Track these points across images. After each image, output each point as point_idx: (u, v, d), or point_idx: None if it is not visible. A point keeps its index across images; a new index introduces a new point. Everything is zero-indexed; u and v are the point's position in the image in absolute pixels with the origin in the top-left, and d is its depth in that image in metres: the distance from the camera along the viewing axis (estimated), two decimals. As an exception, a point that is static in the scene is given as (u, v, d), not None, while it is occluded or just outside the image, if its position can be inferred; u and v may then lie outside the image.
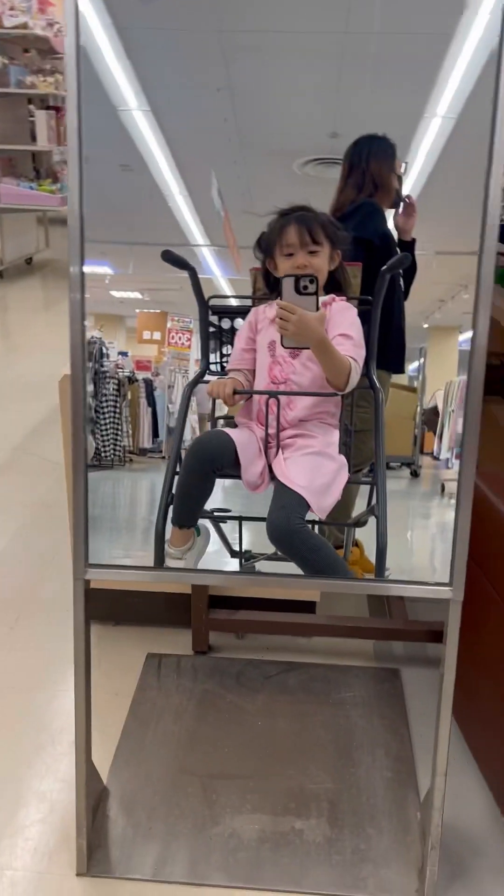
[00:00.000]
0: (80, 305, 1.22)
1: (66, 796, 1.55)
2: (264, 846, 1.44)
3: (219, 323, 1.56)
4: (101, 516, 1.77)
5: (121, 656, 1.97)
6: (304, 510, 1.28)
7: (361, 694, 1.84)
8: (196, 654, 1.97)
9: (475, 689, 1.57)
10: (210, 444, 1.33)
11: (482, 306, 1.15)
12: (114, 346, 1.79)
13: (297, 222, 1.32)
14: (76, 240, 1.19)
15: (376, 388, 1.46)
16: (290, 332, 1.24)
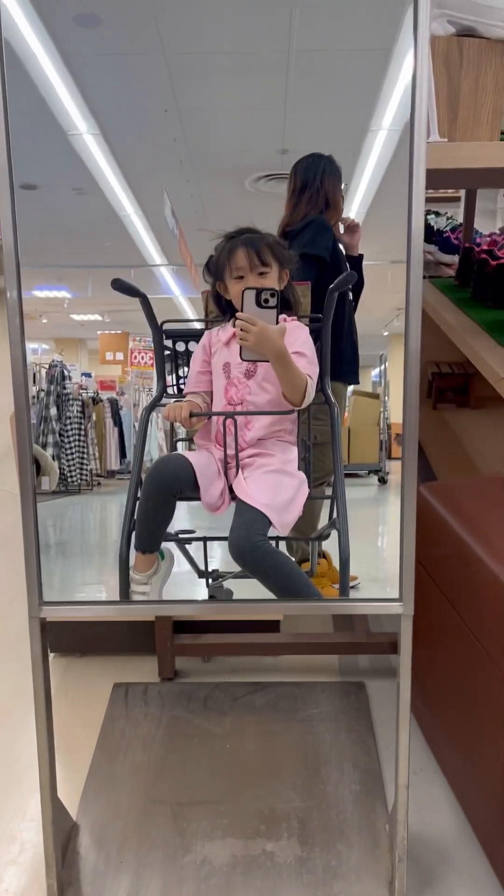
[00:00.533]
0: (19, 332, 1.20)
1: (35, 835, 1.54)
2: (236, 871, 1.44)
3: (173, 346, 1.58)
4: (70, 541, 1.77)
5: (87, 687, 1.96)
6: (265, 527, 1.30)
7: (328, 709, 1.86)
8: (163, 681, 1.98)
9: (437, 698, 1.59)
10: (167, 469, 1.34)
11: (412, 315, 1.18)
12: (75, 368, 1.79)
13: (244, 245, 1.34)
14: (12, 264, 1.19)
15: (331, 402, 1.49)
16: (251, 344, 1.25)
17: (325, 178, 1.49)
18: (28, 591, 1.29)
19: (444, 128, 1.46)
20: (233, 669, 2.03)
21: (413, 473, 1.24)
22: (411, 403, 1.21)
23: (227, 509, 1.38)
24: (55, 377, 1.80)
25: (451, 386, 3.25)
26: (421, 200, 1.21)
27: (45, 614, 1.29)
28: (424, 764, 1.68)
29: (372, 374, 1.83)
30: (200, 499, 1.36)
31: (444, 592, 1.51)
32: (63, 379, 1.78)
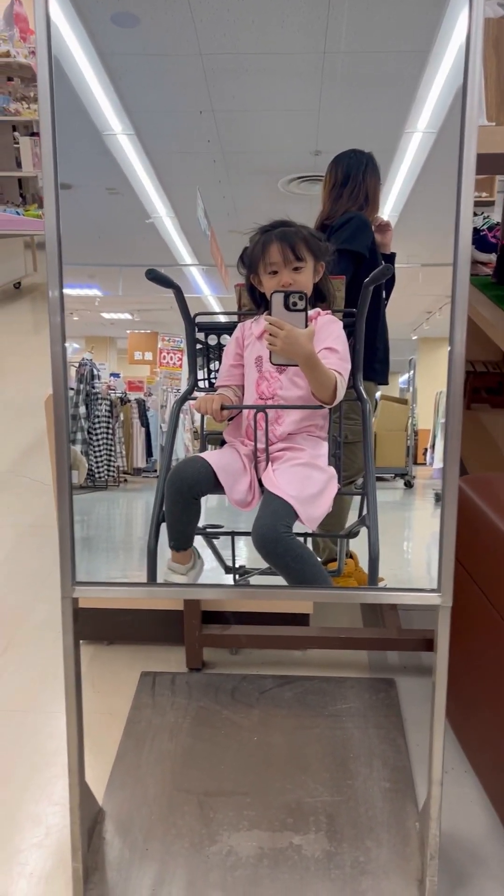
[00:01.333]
0: (60, 329, 1.21)
1: (61, 819, 1.53)
2: (262, 863, 1.42)
3: (205, 340, 1.57)
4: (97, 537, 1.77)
5: (114, 675, 1.95)
6: (291, 519, 1.28)
7: (357, 705, 1.83)
8: (190, 671, 1.96)
9: (470, 697, 1.56)
10: (185, 473, 1.33)
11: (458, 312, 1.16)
12: (105, 367, 1.79)
13: (278, 240, 1.32)
14: (54, 264, 1.19)
15: (363, 399, 1.47)
16: (279, 349, 1.24)
17: (368, 174, 1.47)
18: (61, 571, 1.28)
19: (492, 112, 1.43)
20: (261, 662, 2.00)
21: (455, 461, 1.22)
22: (456, 388, 1.18)
23: (255, 505, 1.37)
24: (85, 376, 1.80)
25: (486, 385, 3.20)
26: (471, 184, 1.18)
27: (77, 594, 1.28)
28: (455, 763, 1.65)
29: (400, 381, 1.81)
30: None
31: (481, 587, 1.48)
32: (93, 378, 1.79)
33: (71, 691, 1.33)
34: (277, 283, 1.33)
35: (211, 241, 1.55)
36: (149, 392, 1.86)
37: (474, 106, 1.11)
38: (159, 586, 1.37)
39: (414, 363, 1.81)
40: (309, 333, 1.25)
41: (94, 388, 1.80)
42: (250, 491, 1.37)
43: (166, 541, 1.41)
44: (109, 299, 1.70)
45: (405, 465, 1.91)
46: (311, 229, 1.37)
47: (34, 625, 2.17)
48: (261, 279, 1.37)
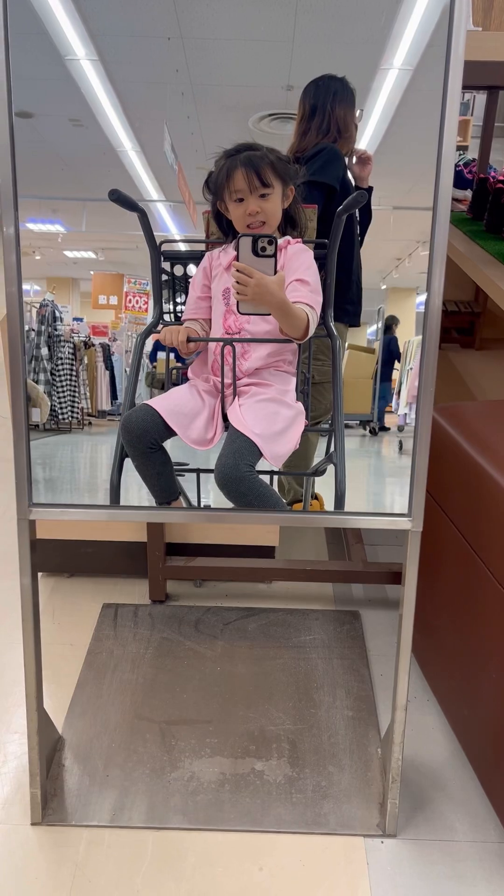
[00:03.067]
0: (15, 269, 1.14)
1: (19, 748, 1.50)
2: (224, 788, 1.41)
3: (171, 270, 1.49)
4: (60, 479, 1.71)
5: (75, 607, 1.92)
6: (254, 457, 1.24)
7: (321, 637, 1.82)
8: (153, 604, 1.93)
9: (434, 626, 1.55)
10: (131, 425, 1.27)
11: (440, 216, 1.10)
12: (67, 310, 1.72)
13: (243, 165, 1.24)
14: (9, 195, 1.10)
15: (333, 335, 1.41)
16: (248, 297, 1.17)
17: (337, 105, 1.39)
18: (17, 492, 1.22)
19: (478, 17, 1.35)
20: (225, 595, 1.98)
21: (431, 384, 1.17)
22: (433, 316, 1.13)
23: (218, 442, 1.31)
24: (46, 317, 1.73)
25: (457, 325, 3.16)
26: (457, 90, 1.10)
27: (34, 516, 1.23)
28: (418, 692, 1.65)
29: (368, 332, 1.77)
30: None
31: (448, 514, 1.46)
32: (55, 320, 1.72)
33: (28, 615, 1.28)
34: (244, 212, 1.26)
35: (178, 177, 1.47)
36: (113, 337, 1.80)
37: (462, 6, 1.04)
38: (121, 508, 1.31)
39: (382, 313, 1.77)
40: (279, 280, 1.18)
41: (57, 330, 1.74)
42: (211, 427, 1.31)
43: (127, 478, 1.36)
44: (73, 236, 1.62)
45: (370, 412, 1.88)
46: (278, 152, 1.29)
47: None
48: (227, 206, 1.29)
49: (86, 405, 1.80)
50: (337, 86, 1.37)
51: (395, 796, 1.33)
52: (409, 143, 1.46)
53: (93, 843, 1.31)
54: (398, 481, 1.61)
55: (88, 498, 1.69)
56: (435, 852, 1.31)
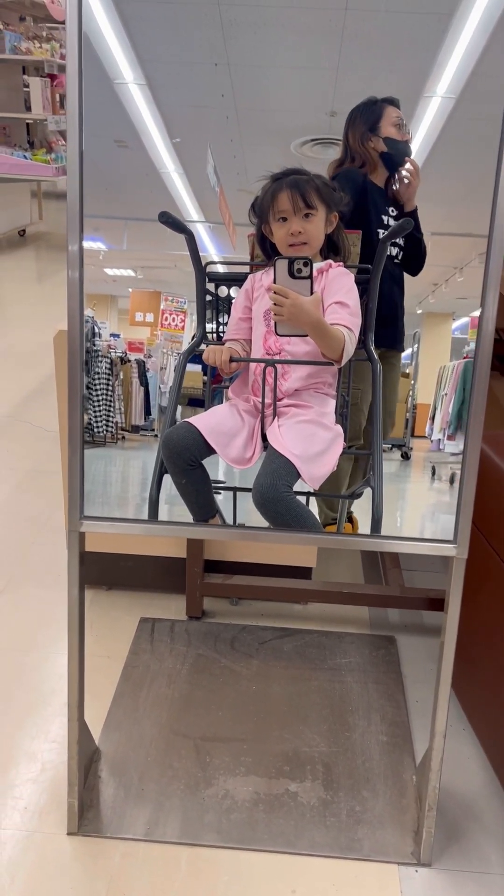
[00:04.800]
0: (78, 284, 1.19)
1: (57, 756, 1.52)
2: (258, 808, 1.42)
3: (215, 291, 1.52)
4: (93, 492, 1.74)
5: (113, 620, 1.94)
6: (292, 478, 1.25)
7: (357, 660, 1.82)
8: (190, 619, 1.95)
9: (473, 655, 1.55)
10: (171, 442, 1.30)
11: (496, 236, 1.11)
12: (105, 326, 1.76)
13: (289, 187, 1.28)
14: (76, 217, 1.15)
15: (374, 359, 1.43)
16: (285, 318, 1.20)
17: (349, 131, 1.42)
18: (69, 505, 1.25)
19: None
20: (261, 614, 1.99)
21: (480, 413, 1.18)
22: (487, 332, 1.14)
23: (257, 461, 1.33)
24: (86, 333, 1.77)
25: (497, 352, 3.15)
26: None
27: (85, 528, 1.25)
28: (453, 721, 1.64)
29: (403, 356, 1.78)
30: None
31: (492, 543, 1.45)
32: (94, 336, 1.76)
33: (74, 626, 1.31)
34: (287, 232, 1.29)
35: (220, 198, 1.50)
36: (149, 354, 1.83)
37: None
38: (165, 524, 1.34)
39: (418, 337, 1.78)
40: (315, 301, 1.21)
41: (95, 346, 1.78)
42: (250, 446, 1.33)
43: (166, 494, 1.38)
44: (113, 254, 1.66)
45: (403, 436, 1.89)
46: (324, 178, 1.32)
47: (33, 567, 2.15)
48: (271, 228, 1.32)
49: (120, 419, 1.84)
50: (352, 112, 1.39)
51: (431, 825, 1.32)
52: (447, 169, 1.47)
53: (127, 856, 1.32)
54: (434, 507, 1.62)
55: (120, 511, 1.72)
56: (469, 884, 1.30)
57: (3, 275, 5.76)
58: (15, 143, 6.23)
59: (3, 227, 6.39)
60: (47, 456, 2.80)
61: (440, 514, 1.60)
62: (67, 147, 1.17)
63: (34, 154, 6.06)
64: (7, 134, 6.23)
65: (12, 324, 4.59)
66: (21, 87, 6.27)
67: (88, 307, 1.77)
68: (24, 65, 6.21)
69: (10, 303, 5.07)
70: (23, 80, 6.33)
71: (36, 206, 7.09)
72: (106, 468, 1.85)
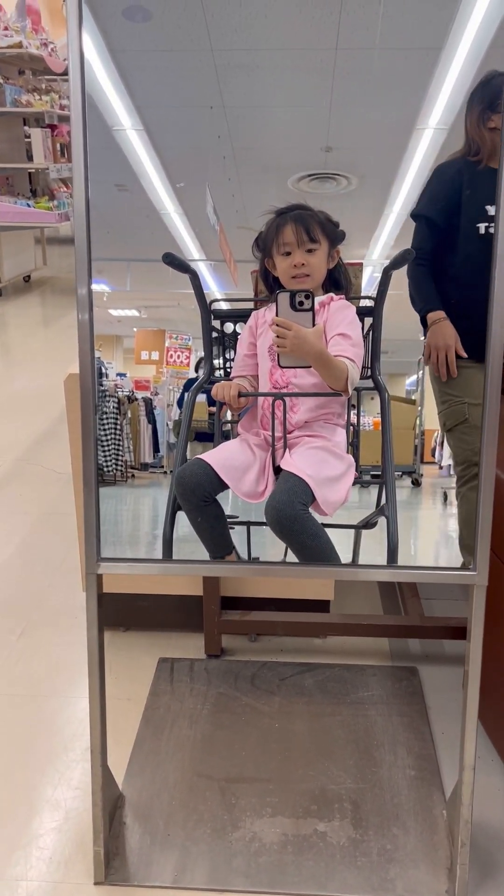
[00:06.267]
0: (88, 326, 1.21)
1: (80, 804, 1.50)
2: (287, 850, 1.39)
3: (221, 328, 1.54)
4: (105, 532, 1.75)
5: (132, 662, 1.92)
6: (308, 497, 1.25)
7: (379, 693, 1.80)
8: (209, 658, 1.93)
9: (497, 683, 1.52)
10: (184, 479, 1.30)
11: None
12: (112, 366, 1.78)
13: (293, 221, 1.31)
14: (84, 261, 1.17)
15: (381, 388, 1.44)
16: (288, 350, 1.22)
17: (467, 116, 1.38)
18: (86, 547, 1.25)
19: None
20: (280, 649, 1.97)
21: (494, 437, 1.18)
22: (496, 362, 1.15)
23: (268, 495, 1.33)
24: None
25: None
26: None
27: (102, 570, 1.25)
28: (481, 752, 1.61)
29: (407, 382, 1.79)
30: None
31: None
32: (100, 376, 1.78)
33: (94, 669, 1.30)
34: (290, 264, 1.31)
35: (220, 237, 1.52)
36: (155, 391, 1.85)
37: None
38: (181, 562, 1.34)
39: (422, 364, 1.79)
40: (317, 332, 1.22)
41: (102, 386, 1.80)
42: (262, 480, 1.34)
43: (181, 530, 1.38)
44: (117, 295, 1.68)
45: (412, 462, 1.89)
46: (327, 214, 1.35)
47: (49, 611, 2.14)
48: (274, 262, 1.34)
49: (129, 458, 1.84)
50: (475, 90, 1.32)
51: (465, 861, 1.29)
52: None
53: (156, 904, 1.29)
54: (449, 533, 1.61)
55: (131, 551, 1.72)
56: (508, 922, 1.26)
57: (10, 320, 5.83)
58: (18, 192, 6.36)
59: (9, 273, 6.49)
60: (60, 498, 2.81)
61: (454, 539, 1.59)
62: (73, 195, 1.20)
63: (37, 202, 6.18)
64: (10, 184, 6.36)
65: (20, 368, 4.63)
66: (22, 138, 6.42)
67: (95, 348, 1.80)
68: (25, 116, 6.37)
69: (17, 347, 5.12)
70: (24, 132, 6.49)
71: (40, 252, 7.20)
72: (117, 507, 1.85)
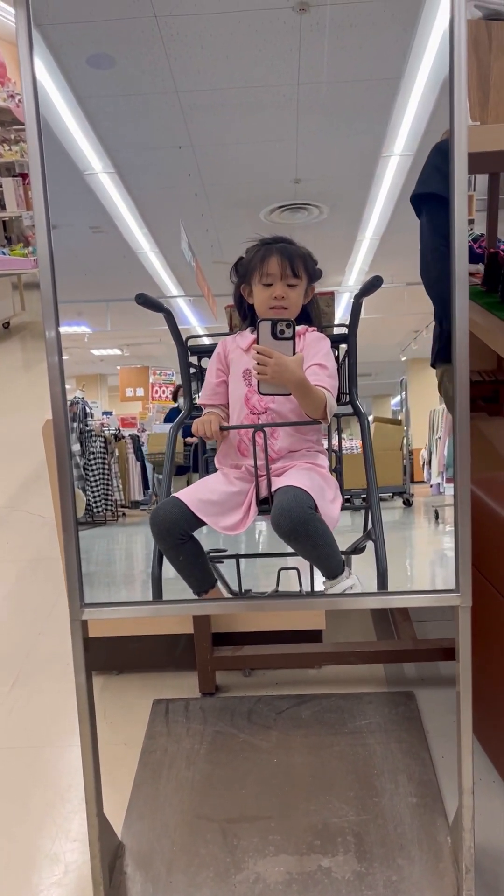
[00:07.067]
0: (58, 368, 1.22)
1: (79, 856, 1.47)
2: (292, 888, 1.37)
3: (198, 363, 1.55)
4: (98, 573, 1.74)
5: (126, 705, 1.90)
6: (312, 502, 1.24)
7: (377, 720, 1.79)
8: (204, 696, 1.91)
9: (493, 702, 1.52)
10: (159, 519, 1.30)
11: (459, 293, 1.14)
12: (97, 405, 1.78)
13: (279, 253, 1.33)
14: (50, 304, 1.19)
15: (361, 413, 1.45)
16: (269, 377, 1.23)
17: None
18: (69, 594, 1.25)
19: (475, 111, 1.44)
20: (275, 683, 1.96)
21: (466, 458, 1.19)
22: (462, 384, 1.17)
23: (249, 525, 1.33)
24: (78, 414, 1.79)
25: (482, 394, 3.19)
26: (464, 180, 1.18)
27: (86, 616, 1.25)
28: (482, 773, 1.60)
29: (392, 403, 1.81)
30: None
31: (497, 588, 1.45)
32: (85, 416, 1.78)
33: (84, 719, 1.28)
34: (269, 296, 1.33)
35: (197, 273, 1.54)
36: (142, 428, 1.86)
37: (462, 108, 1.12)
38: (168, 603, 1.33)
39: (405, 384, 1.81)
40: (297, 360, 1.23)
41: (88, 426, 1.80)
42: (240, 511, 1.33)
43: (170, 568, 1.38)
44: (98, 335, 1.70)
45: (402, 483, 1.90)
46: (309, 252, 1.37)
47: (41, 658, 2.12)
48: (252, 289, 1.36)
49: (119, 497, 1.84)
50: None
51: (471, 887, 1.28)
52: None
53: None
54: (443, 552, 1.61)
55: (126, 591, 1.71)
56: None
57: (-9, 367, 5.84)
58: (-8, 240, 6.42)
59: (-12, 320, 6.51)
60: (47, 543, 2.79)
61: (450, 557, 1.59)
62: (36, 237, 1.21)
63: (12, 249, 6.23)
64: (-16, 233, 6.42)
65: (3, 413, 4.63)
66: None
67: (78, 388, 1.80)
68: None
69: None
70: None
71: (18, 298, 7.24)
72: (108, 547, 1.84)
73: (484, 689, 1.53)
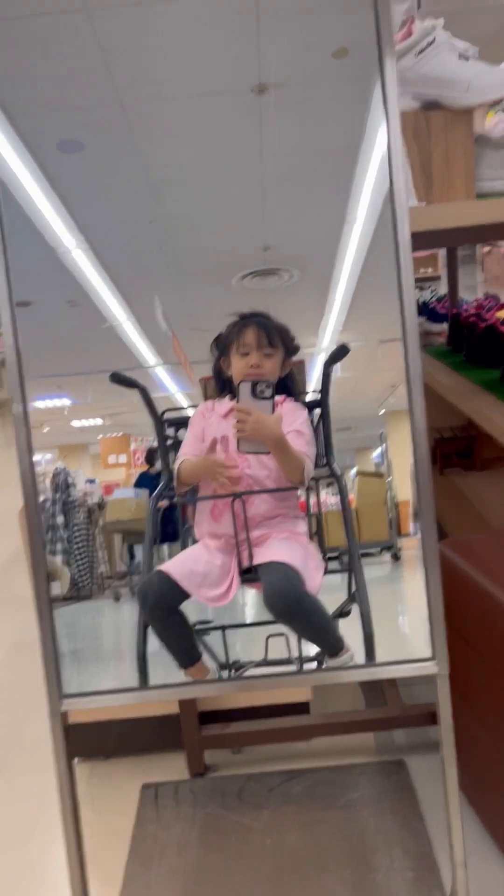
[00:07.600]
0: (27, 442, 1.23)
1: None
2: None
3: (175, 434, 1.58)
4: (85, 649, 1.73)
5: (115, 791, 1.86)
6: (300, 579, 1.26)
7: (369, 792, 1.76)
8: (193, 777, 1.88)
9: (485, 768, 1.51)
10: (147, 593, 1.32)
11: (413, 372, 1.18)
12: (79, 474, 1.80)
13: (255, 325, 1.38)
14: (15, 380, 1.22)
15: (338, 476, 1.48)
16: (248, 434, 1.25)
17: None
18: (47, 686, 1.24)
19: (420, 193, 1.51)
20: (265, 759, 1.93)
21: (432, 525, 1.22)
22: (422, 455, 1.20)
23: (232, 596, 1.34)
24: (59, 485, 1.81)
25: (456, 450, 3.24)
26: (409, 265, 1.25)
27: (65, 707, 1.24)
28: (478, 842, 1.57)
29: (373, 456, 1.84)
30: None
31: (478, 651, 1.45)
32: (68, 487, 1.79)
33: (68, 813, 1.27)
34: (246, 364, 1.36)
35: (173, 342, 1.58)
36: (124, 495, 1.86)
37: (402, 194, 1.18)
38: (150, 689, 1.33)
39: (384, 436, 1.84)
40: (276, 418, 1.27)
41: (71, 497, 1.80)
42: (225, 582, 1.34)
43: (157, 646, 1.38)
44: (80, 407, 1.72)
45: (389, 537, 1.91)
46: (287, 327, 1.42)
47: (27, 746, 2.08)
48: (231, 361, 1.40)
49: (104, 569, 1.83)
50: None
51: None
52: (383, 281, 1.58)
53: None
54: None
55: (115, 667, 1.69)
56: None
57: (-29, 446, 5.84)
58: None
59: (-33, 400, 6.53)
60: (30, 625, 2.75)
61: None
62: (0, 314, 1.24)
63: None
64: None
65: (-16, 494, 4.61)
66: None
67: (60, 459, 1.82)
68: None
69: (-21, 473, 5.11)
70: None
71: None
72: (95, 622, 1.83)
73: (473, 753, 1.52)
